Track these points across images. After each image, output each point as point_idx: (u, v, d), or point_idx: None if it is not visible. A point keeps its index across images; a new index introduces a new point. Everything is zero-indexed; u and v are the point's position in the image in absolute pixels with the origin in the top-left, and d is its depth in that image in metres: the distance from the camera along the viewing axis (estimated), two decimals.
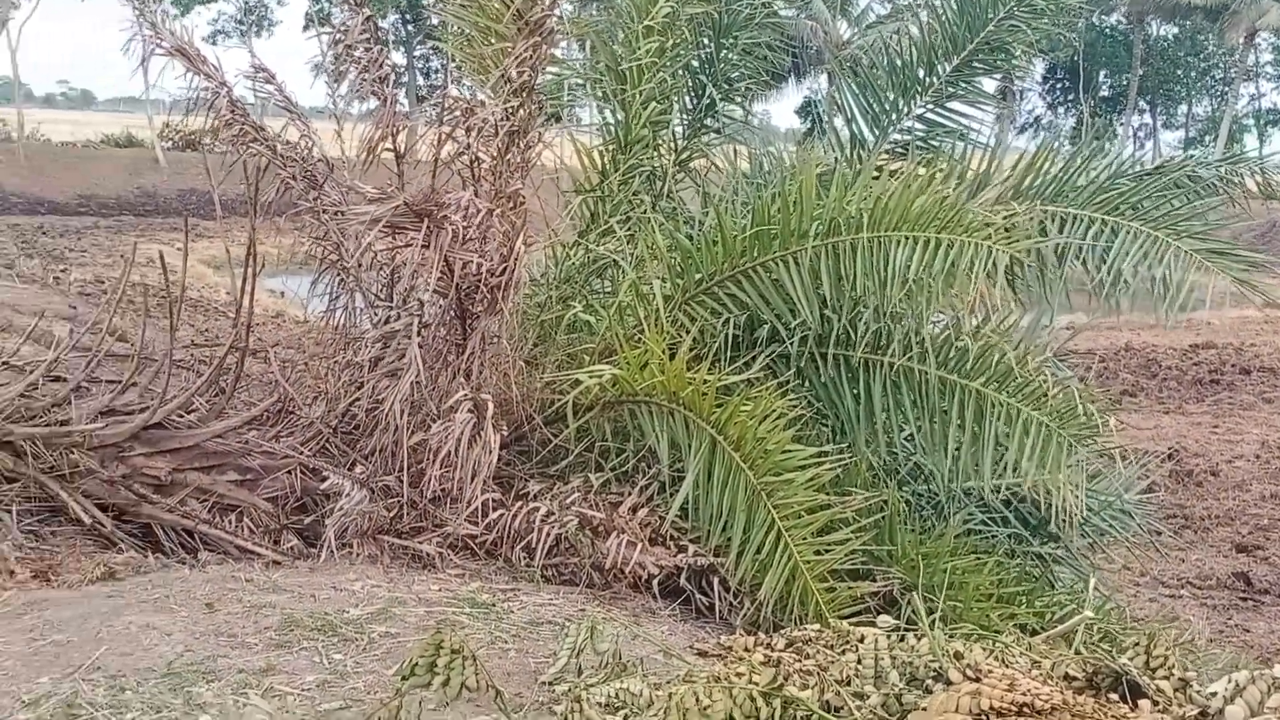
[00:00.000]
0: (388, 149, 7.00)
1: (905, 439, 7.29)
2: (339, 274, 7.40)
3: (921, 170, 7.47)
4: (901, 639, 4.09)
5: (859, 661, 3.98)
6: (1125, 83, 63.21)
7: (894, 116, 8.77)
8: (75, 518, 6.38)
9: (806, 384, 6.98)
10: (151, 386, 6.97)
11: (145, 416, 6.65)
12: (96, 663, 4.39)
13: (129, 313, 9.71)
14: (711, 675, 3.83)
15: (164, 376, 6.93)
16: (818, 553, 5.93)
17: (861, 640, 4.23)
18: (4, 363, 7.32)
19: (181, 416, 6.84)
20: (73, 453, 6.49)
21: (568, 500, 6.24)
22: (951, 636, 4.28)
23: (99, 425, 6.60)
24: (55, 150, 44.91)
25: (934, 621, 4.56)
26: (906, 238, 6.29)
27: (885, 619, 4.78)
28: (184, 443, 6.69)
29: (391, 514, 6.30)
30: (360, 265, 7.14)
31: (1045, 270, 7.59)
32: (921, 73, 8.75)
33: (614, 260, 7.51)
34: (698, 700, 3.41)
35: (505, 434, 6.47)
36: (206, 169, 7.59)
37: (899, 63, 8.86)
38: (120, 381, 7.04)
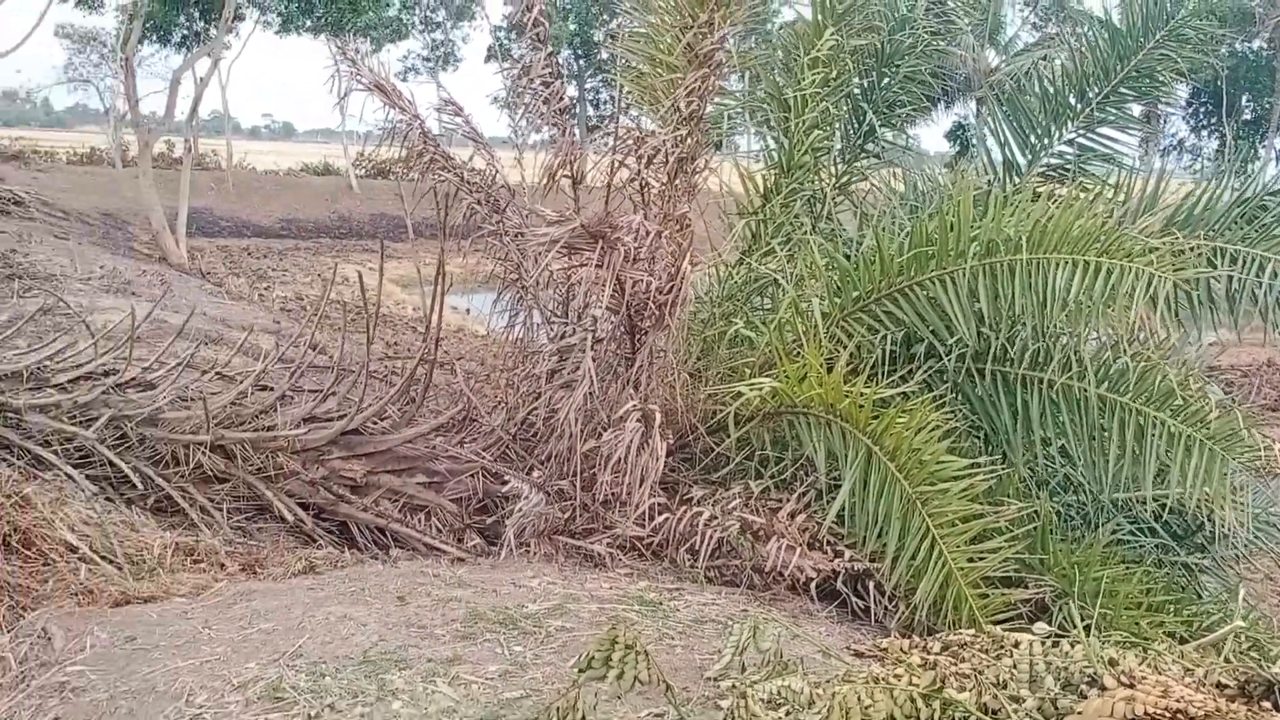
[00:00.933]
0: (566, 175, 7.07)
1: (1056, 451, 7.12)
2: (518, 292, 7.50)
3: (1081, 193, 7.29)
4: (1055, 645, 3.97)
5: (1014, 666, 3.87)
6: (1268, 106, 60.71)
7: (1045, 141, 8.59)
8: (279, 515, 6.56)
9: (962, 398, 6.85)
10: (349, 395, 7.14)
11: (343, 423, 6.81)
12: (299, 650, 4.49)
13: (327, 327, 9.96)
14: (871, 676, 3.76)
15: (360, 386, 7.10)
16: (971, 560, 5.80)
17: (1016, 645, 4.12)
18: (217, 373, 7.56)
19: (376, 423, 6.99)
20: (278, 456, 6.68)
21: (729, 505, 6.21)
22: (1104, 644, 4.15)
23: (301, 431, 6.78)
24: (260, 178, 46.19)
25: (1088, 628, 4.42)
26: (1066, 260, 6.13)
27: (1041, 626, 4.65)
28: (378, 447, 6.84)
29: (565, 516, 6.35)
30: (538, 284, 7.21)
31: (1215, 309, 7.31)
32: (1073, 99, 8.55)
33: (774, 279, 7.47)
34: (859, 700, 3.36)
35: (671, 442, 6.47)
36: (401, 195, 7.79)
37: (1050, 90, 8.66)
38: (320, 391, 7.21)
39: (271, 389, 7.19)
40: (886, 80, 8.84)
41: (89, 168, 38.44)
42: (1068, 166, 8.58)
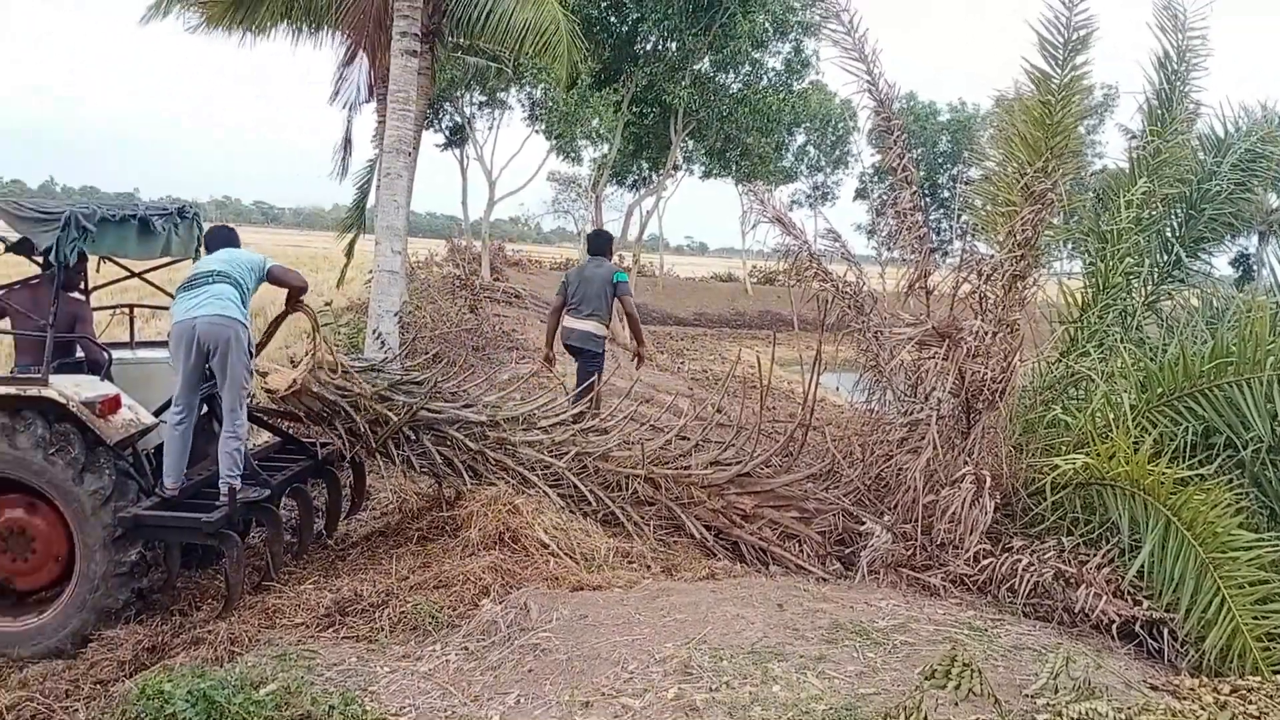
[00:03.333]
0: (921, 287, 6.97)
1: None
2: (876, 375, 7.42)
3: None
4: None
5: None
6: None
7: None
8: (690, 533, 6.72)
9: (1254, 483, 6.18)
10: (743, 447, 7.24)
11: (739, 468, 6.92)
12: (703, 637, 4.58)
13: (727, 394, 10.16)
14: (1168, 708, 3.44)
15: (752, 440, 7.19)
16: (1256, 618, 5.20)
17: None
18: (650, 425, 7.87)
19: (763, 469, 7.05)
20: (690, 489, 6.86)
21: (1045, 556, 5.85)
22: None
23: (708, 471, 6.94)
24: (681, 283, 47.91)
25: None
26: None
27: None
28: (763, 487, 6.89)
29: (908, 553, 6.16)
30: (893, 370, 7.11)
31: None
32: None
33: (1089, 375, 7.03)
34: None
35: (996, 501, 6.18)
36: (790, 298, 7.85)
37: None
38: (723, 442, 7.36)
39: (688, 439, 7.40)
40: (1193, 220, 8.18)
41: (566, 272, 41.13)
42: None
